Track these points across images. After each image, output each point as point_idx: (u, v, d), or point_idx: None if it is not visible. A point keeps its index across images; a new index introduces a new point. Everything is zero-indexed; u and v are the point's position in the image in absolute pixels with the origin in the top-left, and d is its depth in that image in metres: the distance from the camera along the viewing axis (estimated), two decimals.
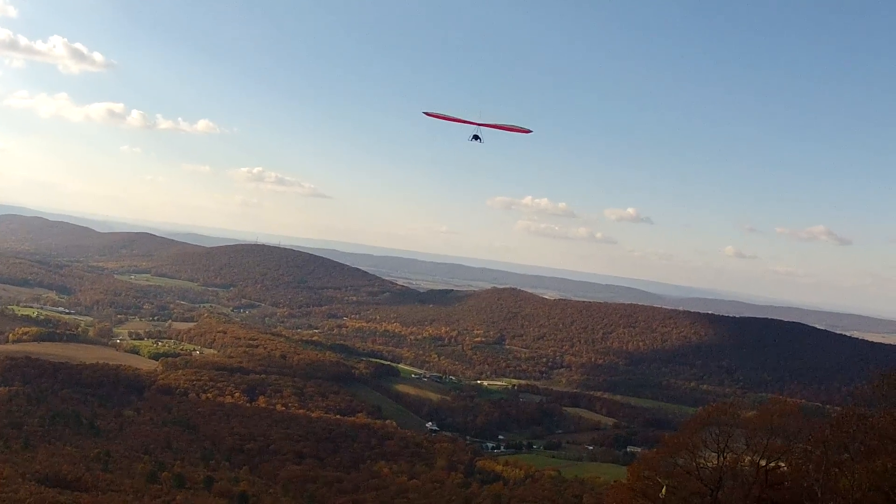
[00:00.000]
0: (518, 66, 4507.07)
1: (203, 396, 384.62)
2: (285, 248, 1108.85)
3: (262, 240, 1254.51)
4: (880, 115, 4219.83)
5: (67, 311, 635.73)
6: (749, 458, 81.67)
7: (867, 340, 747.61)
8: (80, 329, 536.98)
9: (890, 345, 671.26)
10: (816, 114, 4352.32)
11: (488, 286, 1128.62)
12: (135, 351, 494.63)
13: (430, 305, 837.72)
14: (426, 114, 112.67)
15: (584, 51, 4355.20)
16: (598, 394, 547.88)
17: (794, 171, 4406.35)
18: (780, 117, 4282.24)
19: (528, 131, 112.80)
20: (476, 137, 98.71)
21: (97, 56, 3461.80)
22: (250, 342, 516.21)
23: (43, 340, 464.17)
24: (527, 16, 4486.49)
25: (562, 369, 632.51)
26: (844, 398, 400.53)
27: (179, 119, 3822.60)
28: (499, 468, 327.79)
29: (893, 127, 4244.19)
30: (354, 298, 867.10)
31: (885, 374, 65.27)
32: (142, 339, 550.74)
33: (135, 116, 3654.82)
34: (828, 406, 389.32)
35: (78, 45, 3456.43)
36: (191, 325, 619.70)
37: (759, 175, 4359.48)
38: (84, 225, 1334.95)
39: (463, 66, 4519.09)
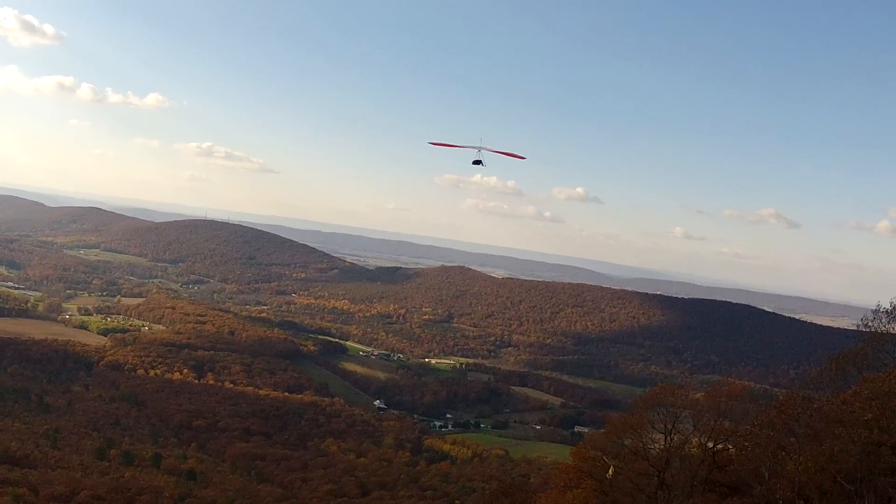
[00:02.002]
0: (467, 44, 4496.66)
1: (151, 373, 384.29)
2: (234, 224, 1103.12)
3: (211, 215, 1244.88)
4: (830, 100, 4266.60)
5: (16, 286, 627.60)
6: (696, 439, 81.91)
7: (815, 323, 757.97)
8: (29, 304, 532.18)
9: (837, 328, 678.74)
10: (766, 98, 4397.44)
11: (436, 264, 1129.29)
12: (84, 326, 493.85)
13: (379, 283, 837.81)
14: (432, 143, 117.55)
15: (536, 31, 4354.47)
16: (546, 373, 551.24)
17: (744, 154, 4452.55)
18: (729, 101, 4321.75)
19: (523, 158, 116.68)
20: (478, 162, 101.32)
21: (48, 28, 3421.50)
22: (199, 318, 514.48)
23: None
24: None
25: (510, 348, 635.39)
26: (792, 381, 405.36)
27: (129, 93, 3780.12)
28: (447, 447, 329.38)
29: (843, 112, 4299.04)
30: (303, 275, 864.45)
31: (833, 358, 65.67)
32: (91, 314, 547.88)
33: (85, 90, 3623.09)
34: (776, 388, 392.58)
35: (28, 17, 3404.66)
36: (139, 300, 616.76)
37: (709, 157, 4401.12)
38: (33, 199, 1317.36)
39: (411, 38, 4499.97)
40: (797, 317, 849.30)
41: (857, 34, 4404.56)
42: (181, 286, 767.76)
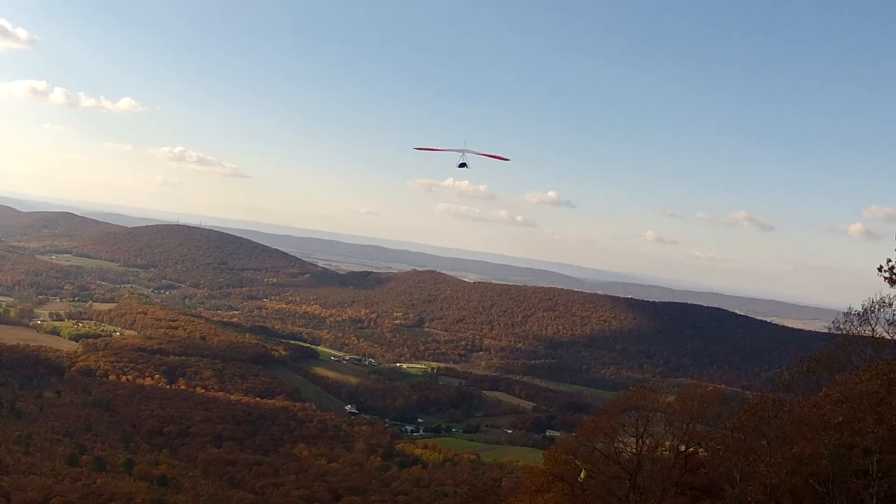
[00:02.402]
0: (439, 48, 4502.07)
1: (123, 378, 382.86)
2: (206, 229, 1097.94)
3: (183, 220, 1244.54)
4: (802, 102, 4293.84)
5: None
6: (668, 442, 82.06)
7: (787, 326, 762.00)
8: (0, 310, 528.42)
9: (809, 331, 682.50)
10: (738, 99, 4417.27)
11: (408, 268, 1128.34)
12: (55, 332, 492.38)
13: (350, 287, 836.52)
14: (417, 148, 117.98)
15: (507, 34, 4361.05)
16: (518, 377, 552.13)
17: (717, 156, 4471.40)
18: (701, 103, 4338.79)
19: (507, 159, 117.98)
20: (464, 164, 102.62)
21: (21, 32, 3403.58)
22: (170, 323, 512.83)
23: None
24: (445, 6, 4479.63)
25: (481, 352, 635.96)
26: (764, 383, 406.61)
27: (102, 97, 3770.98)
28: (418, 451, 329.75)
29: (815, 113, 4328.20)
30: (274, 280, 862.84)
31: (803, 360, 65.90)
32: (62, 320, 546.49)
33: (57, 94, 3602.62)
34: (747, 391, 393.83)
35: (1, 21, 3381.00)
36: (111, 305, 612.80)
37: (681, 160, 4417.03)
38: (5, 204, 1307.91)
39: (382, 41, 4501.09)
40: (769, 320, 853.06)
41: (828, 36, 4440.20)
42: (153, 291, 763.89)
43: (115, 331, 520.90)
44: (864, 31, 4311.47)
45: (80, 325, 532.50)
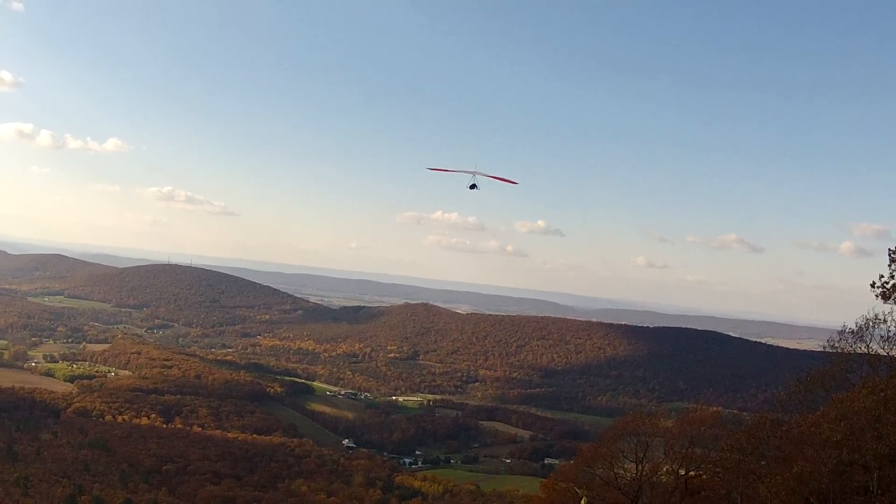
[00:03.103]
0: (423, 79, 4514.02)
1: (119, 418, 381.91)
2: (197, 268, 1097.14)
3: (174, 259, 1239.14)
4: (787, 121, 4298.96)
5: None
6: (668, 466, 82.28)
7: (781, 347, 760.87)
8: None
9: (804, 350, 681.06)
10: (723, 121, 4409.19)
11: (400, 302, 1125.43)
12: (50, 374, 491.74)
13: (344, 322, 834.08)
14: (430, 169, 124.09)
15: (487, 60, 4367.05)
16: (514, 407, 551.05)
17: (704, 179, 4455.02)
18: (686, 126, 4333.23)
19: (515, 182, 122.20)
20: (474, 186, 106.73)
21: (6, 75, 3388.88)
22: (165, 363, 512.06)
23: None
24: (415, 19, 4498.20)
25: (476, 383, 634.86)
26: (760, 405, 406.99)
27: (88, 138, 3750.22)
28: (417, 483, 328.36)
29: (800, 132, 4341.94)
30: (267, 317, 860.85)
31: (800, 380, 66.14)
32: (57, 361, 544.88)
33: (44, 136, 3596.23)
34: (744, 413, 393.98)
35: None
36: (105, 346, 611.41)
37: (669, 184, 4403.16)
38: None
39: (366, 75, 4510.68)
40: (763, 340, 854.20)
41: (815, 52, 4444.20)
42: (146, 331, 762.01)
43: (109, 371, 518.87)
44: (849, 48, 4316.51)
45: (75, 366, 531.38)
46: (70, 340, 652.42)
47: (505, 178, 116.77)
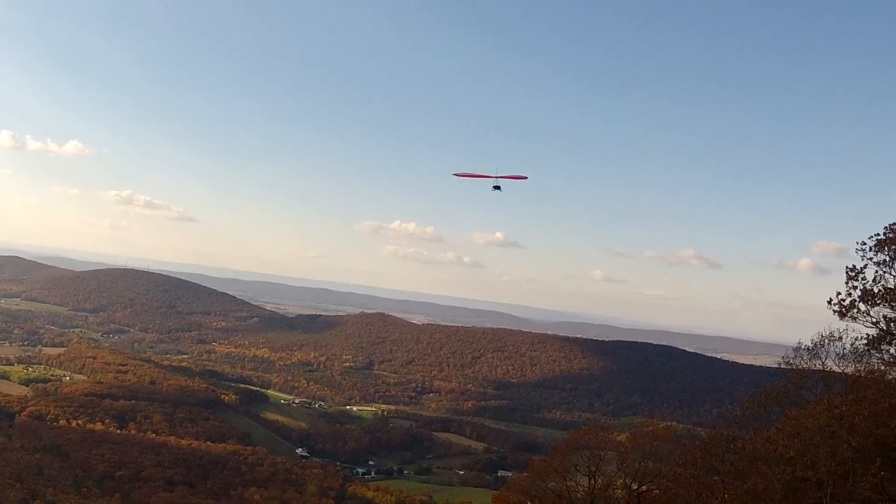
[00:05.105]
0: (384, 87, 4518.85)
1: (74, 423, 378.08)
2: (154, 273, 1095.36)
3: (132, 264, 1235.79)
4: (747, 138, 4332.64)
5: None
6: (621, 480, 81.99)
7: (737, 362, 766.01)
8: None
9: (759, 366, 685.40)
10: (681, 136, 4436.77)
11: (356, 311, 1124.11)
12: (5, 377, 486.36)
13: (299, 331, 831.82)
14: (456, 175, 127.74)
15: (447, 69, 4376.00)
16: (468, 419, 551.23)
17: (663, 195, 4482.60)
18: (645, 140, 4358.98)
19: (525, 178, 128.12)
20: (497, 187, 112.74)
21: None
22: (120, 368, 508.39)
23: None
24: (363, 18, 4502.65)
25: (431, 394, 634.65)
26: (715, 420, 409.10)
27: (49, 140, 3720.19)
28: (370, 494, 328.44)
29: (760, 151, 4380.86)
30: (223, 324, 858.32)
31: (755, 396, 66.09)
32: (12, 364, 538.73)
33: (4, 137, 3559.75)
34: (699, 428, 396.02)
35: None
36: (61, 350, 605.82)
37: (628, 199, 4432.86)
38: None
39: (324, 81, 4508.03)
40: (719, 356, 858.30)
41: (775, 71, 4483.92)
42: (102, 335, 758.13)
43: (65, 375, 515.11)
44: (807, 70, 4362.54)
45: (30, 369, 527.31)
46: (26, 343, 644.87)
47: (518, 175, 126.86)
